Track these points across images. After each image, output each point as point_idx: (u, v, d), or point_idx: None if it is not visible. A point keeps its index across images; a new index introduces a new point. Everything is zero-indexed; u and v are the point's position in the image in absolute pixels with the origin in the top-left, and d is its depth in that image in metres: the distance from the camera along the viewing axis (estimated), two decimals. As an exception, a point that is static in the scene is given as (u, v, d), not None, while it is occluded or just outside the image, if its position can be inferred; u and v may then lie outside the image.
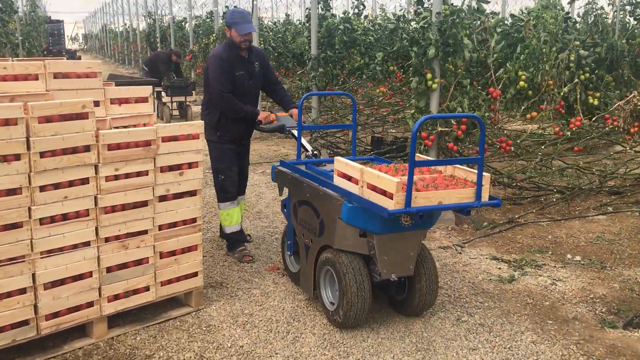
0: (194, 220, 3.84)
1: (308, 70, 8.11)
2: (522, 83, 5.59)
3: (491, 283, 4.39)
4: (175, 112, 12.44)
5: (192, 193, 3.80)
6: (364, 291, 3.57)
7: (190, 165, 3.75)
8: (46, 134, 3.13)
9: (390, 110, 10.67)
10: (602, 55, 6.50)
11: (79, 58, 22.26)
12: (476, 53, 5.92)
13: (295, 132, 4.66)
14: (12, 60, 3.78)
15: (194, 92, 12.44)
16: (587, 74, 6.42)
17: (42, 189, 3.17)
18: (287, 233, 4.46)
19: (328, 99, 9.87)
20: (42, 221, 3.20)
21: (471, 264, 4.74)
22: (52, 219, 3.24)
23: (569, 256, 4.92)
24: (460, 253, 4.99)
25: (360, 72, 8.85)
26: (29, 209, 3.15)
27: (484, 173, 3.35)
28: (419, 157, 3.82)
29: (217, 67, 4.63)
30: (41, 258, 3.24)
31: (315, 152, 4.53)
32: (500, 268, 4.67)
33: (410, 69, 5.53)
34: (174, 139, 3.64)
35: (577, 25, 6.52)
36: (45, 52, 20.88)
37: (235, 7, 4.78)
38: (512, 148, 5.80)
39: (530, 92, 6.05)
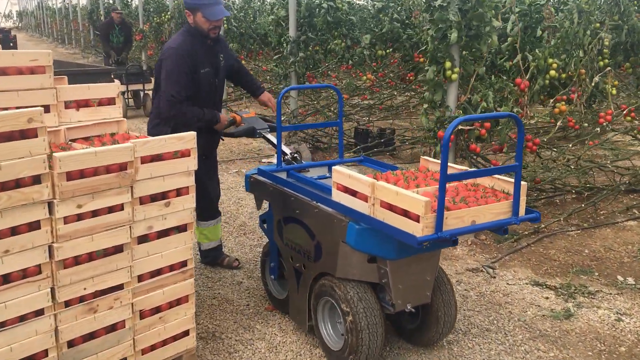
0: (183, 263, 2.89)
1: (286, 55, 7.12)
2: (552, 72, 4.81)
3: (546, 321, 3.61)
4: (131, 103, 11.03)
5: (181, 228, 2.83)
6: (375, 327, 2.93)
7: (180, 192, 2.78)
8: (-26, 163, 2.12)
9: (367, 98, 9.81)
10: (623, 38, 5.81)
11: (14, 37, 20.40)
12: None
13: (268, 135, 3.93)
14: None
15: (152, 78, 11.07)
16: (607, 60, 5.71)
17: (-29, 242, 2.17)
18: (269, 253, 3.72)
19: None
20: (-29, 289, 2.20)
21: (512, 294, 3.96)
22: (-13, 284, 2.24)
23: (619, 278, 4.21)
24: (494, 277, 4.21)
25: (341, 57, 7.92)
26: (-49, 273, 2.15)
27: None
28: (452, 167, 3.07)
29: (175, 64, 3.60)
30: (-28, 341, 2.24)
31: (295, 154, 3.78)
32: (548, 297, 3.91)
33: (419, 55, 4.67)
34: (158, 158, 2.66)
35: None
36: (-25, 31, 19.00)
37: None
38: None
39: (547, 82, 5.28)
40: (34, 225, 2.32)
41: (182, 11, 11.88)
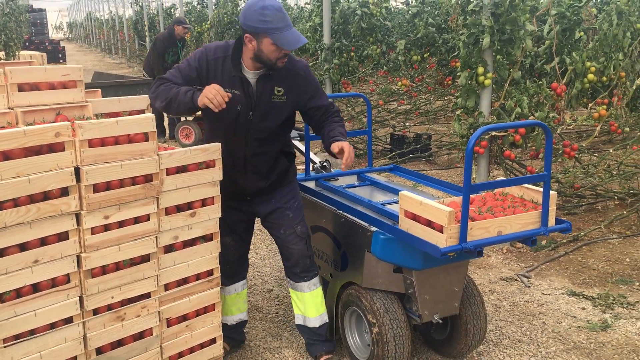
0: (210, 272, 2.93)
1: (321, 62, 7.15)
2: (591, 76, 4.69)
3: (581, 332, 3.51)
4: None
5: (207, 238, 2.88)
6: (402, 338, 2.90)
7: (205, 203, 2.82)
8: (4, 177, 2.19)
9: (404, 103, 9.74)
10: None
11: (63, 48, 21.09)
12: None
13: (297, 144, 3.90)
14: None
15: None
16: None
17: (2, 252, 2.25)
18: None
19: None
20: (3, 298, 2.28)
21: (547, 304, 3.86)
22: (18, 293, 2.31)
23: (661, 288, 4.06)
24: (529, 287, 4.11)
25: (377, 62, 7.90)
26: (-16, 282, 2.24)
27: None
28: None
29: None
30: (4, 347, 2.32)
31: (324, 163, 3.79)
32: (584, 308, 3.80)
33: (458, 61, 4.62)
34: (183, 169, 2.71)
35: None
36: (27, 44, 19.71)
37: None
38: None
39: (586, 85, 5.13)
40: (63, 236, 2.39)
41: (221, 20, 12.04)
